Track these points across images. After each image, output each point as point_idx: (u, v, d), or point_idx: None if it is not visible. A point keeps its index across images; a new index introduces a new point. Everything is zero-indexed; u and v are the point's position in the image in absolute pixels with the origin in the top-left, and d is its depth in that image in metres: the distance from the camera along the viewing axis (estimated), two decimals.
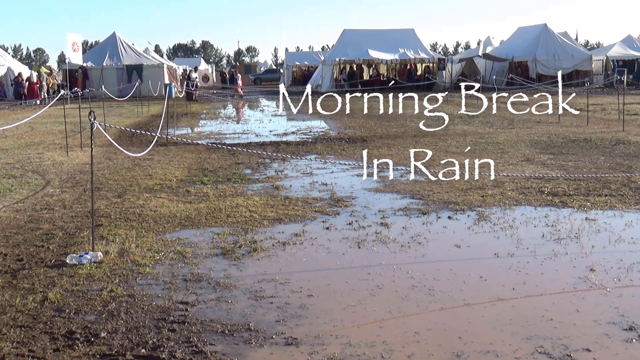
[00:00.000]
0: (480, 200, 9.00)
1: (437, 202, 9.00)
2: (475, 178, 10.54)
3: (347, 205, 8.90)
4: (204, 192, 9.86)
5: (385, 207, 8.77)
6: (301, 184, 10.53)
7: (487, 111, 25.37)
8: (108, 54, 44.66)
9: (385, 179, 10.90)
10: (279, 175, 11.46)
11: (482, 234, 7.36)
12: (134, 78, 41.43)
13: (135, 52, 46.23)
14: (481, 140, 15.85)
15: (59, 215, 8.44)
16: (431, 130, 18.51)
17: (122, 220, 8.15)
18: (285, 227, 7.76)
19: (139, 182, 10.82)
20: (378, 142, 16.01)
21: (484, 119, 21.86)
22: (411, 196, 9.45)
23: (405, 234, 7.37)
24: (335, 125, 21.37)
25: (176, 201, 9.26)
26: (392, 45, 48.30)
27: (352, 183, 10.61)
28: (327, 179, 10.99)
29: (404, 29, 51.45)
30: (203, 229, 7.74)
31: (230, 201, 9.17)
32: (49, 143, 16.75)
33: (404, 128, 19.34)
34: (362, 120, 22.45)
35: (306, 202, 9.09)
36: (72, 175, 11.59)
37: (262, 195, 9.61)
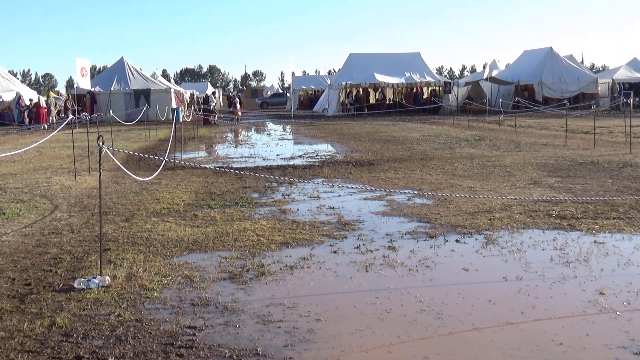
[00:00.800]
0: (488, 224, 8.98)
1: (445, 225, 8.98)
2: (482, 201, 10.54)
3: (355, 229, 8.89)
4: (211, 216, 9.87)
5: (392, 230, 8.76)
6: (308, 208, 10.53)
7: (494, 134, 25.42)
8: (116, 78, 45.00)
9: (392, 202, 10.90)
10: (286, 199, 11.47)
11: (491, 258, 7.34)
12: (142, 102, 41.70)
13: (143, 76, 46.57)
14: (488, 164, 15.85)
15: (67, 240, 8.46)
16: (438, 153, 18.54)
17: (130, 244, 8.16)
18: (293, 251, 7.75)
19: (147, 206, 10.84)
20: (385, 165, 16.02)
21: (491, 142, 21.86)
22: (418, 219, 9.43)
23: (413, 258, 7.35)
24: (342, 148, 21.41)
25: (184, 225, 9.27)
26: (398, 69, 48.52)
27: (359, 206, 10.61)
28: (334, 202, 10.99)
29: (410, 52, 51.70)
30: (210, 253, 7.73)
31: (238, 225, 9.18)
32: (57, 167, 16.83)
33: (411, 151, 19.36)
34: (369, 143, 22.49)
35: (313, 226, 9.09)
36: (80, 199, 11.63)
37: (269, 219, 9.61)
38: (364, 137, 25.55)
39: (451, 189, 12.04)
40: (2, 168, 16.88)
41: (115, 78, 45.01)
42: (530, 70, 47.30)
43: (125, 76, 45.29)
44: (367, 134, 27.06)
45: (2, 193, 12.51)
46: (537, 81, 45.96)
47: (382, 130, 29.38)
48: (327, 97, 51.40)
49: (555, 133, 25.68)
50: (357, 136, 26.10)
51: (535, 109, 36.20)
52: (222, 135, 30.28)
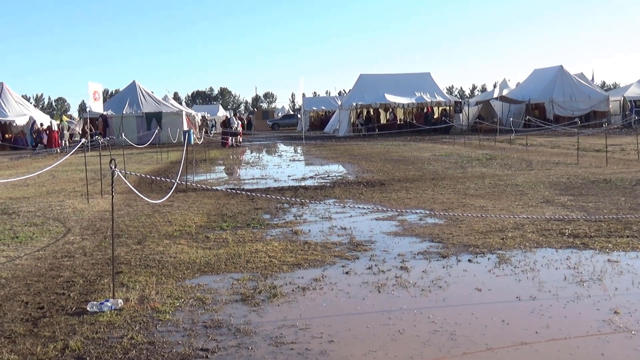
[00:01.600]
0: (501, 243, 8.94)
1: (457, 245, 8.95)
2: (494, 220, 10.50)
3: (367, 250, 8.87)
4: (223, 238, 9.88)
5: (404, 250, 8.74)
6: (320, 229, 10.53)
7: (505, 153, 25.38)
8: (128, 102, 45.38)
9: (404, 222, 10.88)
10: (298, 220, 11.48)
11: (503, 277, 7.30)
12: (154, 125, 42.03)
13: (154, 100, 46.93)
14: (500, 183, 15.81)
15: (79, 263, 8.49)
16: (449, 172, 18.51)
17: (142, 267, 8.18)
18: (305, 272, 7.74)
19: (159, 228, 10.88)
20: (396, 185, 16.01)
21: (502, 161, 21.82)
22: (430, 239, 9.41)
23: (425, 278, 7.33)
24: (353, 169, 21.43)
25: (196, 247, 9.28)
26: (408, 89, 48.65)
27: (371, 227, 10.60)
28: (345, 223, 10.99)
29: (420, 72, 51.85)
30: (222, 274, 7.74)
31: (250, 247, 9.19)
32: (70, 191, 16.92)
33: (422, 171, 19.35)
34: (380, 163, 22.50)
35: (325, 247, 9.09)
36: (92, 222, 11.68)
37: (281, 241, 9.61)
38: (375, 157, 25.57)
39: (463, 208, 12.02)
40: (15, 192, 17.00)
41: (127, 101, 45.40)
42: (540, 89, 47.30)
43: (137, 99, 45.69)
44: (378, 154, 27.08)
45: (15, 217, 12.59)
46: (547, 100, 45.93)
47: (393, 151, 29.41)
48: (338, 118, 51.53)
49: (567, 151, 25.61)
50: (368, 156, 26.13)
51: (546, 127, 36.15)
52: (234, 157, 30.38)
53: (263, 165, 24.95)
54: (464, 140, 34.10)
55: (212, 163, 26.10)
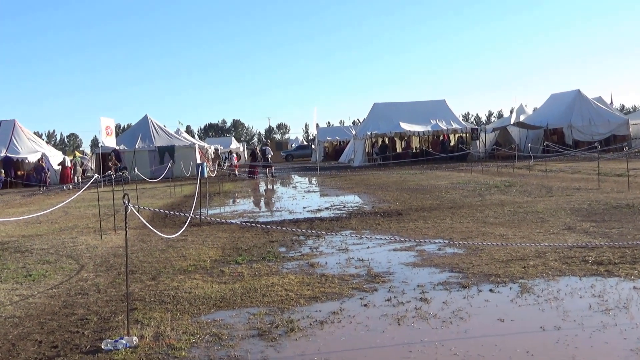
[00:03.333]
0: (522, 272, 8.87)
1: (478, 275, 8.89)
2: (515, 249, 10.44)
3: (385, 281, 8.83)
4: (238, 272, 9.87)
5: (424, 281, 8.69)
6: (337, 261, 10.50)
7: (524, 179, 25.28)
8: (140, 136, 45.77)
9: (422, 252, 10.83)
10: (314, 252, 11.46)
11: (526, 307, 7.23)
12: (166, 159, 42.30)
13: (167, 133, 47.30)
14: (519, 210, 15.72)
15: (93, 300, 8.50)
16: (468, 201, 18.45)
17: (157, 303, 8.18)
18: (322, 306, 7.71)
19: (173, 263, 10.89)
20: (413, 215, 15.97)
21: (521, 188, 21.73)
22: (450, 269, 9.36)
23: (446, 309, 7.27)
24: (369, 199, 21.41)
25: (211, 282, 9.28)
26: (423, 117, 48.78)
27: (389, 258, 10.56)
28: (363, 254, 10.95)
29: (435, 100, 52.04)
30: (239, 309, 7.72)
31: (266, 280, 9.17)
32: (83, 227, 17.02)
33: (440, 200, 19.30)
34: (397, 193, 22.47)
35: (343, 279, 9.05)
36: (106, 259, 11.72)
37: (297, 274, 9.59)
38: (392, 186, 25.55)
39: (482, 237, 11.95)
40: (28, 229, 17.11)
41: (139, 136, 45.80)
42: (558, 113, 47.25)
43: (149, 133, 46.07)
44: (394, 184, 27.07)
45: (28, 255, 12.66)
46: (566, 124, 45.84)
47: (410, 180, 29.39)
48: (353, 148, 51.70)
49: (588, 176, 25.47)
50: (385, 186, 26.12)
51: (565, 152, 36.04)
52: (249, 190, 30.47)
53: (278, 197, 24.99)
54: (482, 168, 34.04)
55: (226, 196, 26.19)
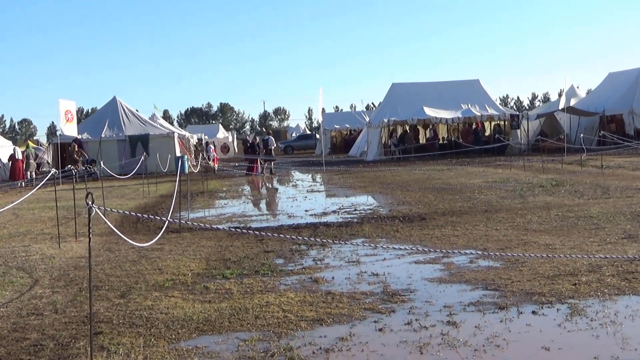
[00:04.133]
0: (572, 290, 8.86)
1: (518, 293, 8.88)
2: (563, 261, 10.42)
3: (405, 301, 8.83)
4: (226, 289, 9.88)
5: (452, 301, 8.69)
6: (346, 276, 10.51)
7: (575, 177, 25.25)
8: (107, 123, 45.76)
9: (450, 265, 10.83)
10: (318, 265, 11.46)
11: (577, 333, 7.22)
12: (139, 151, 42.27)
13: (139, 119, 47.33)
14: (569, 214, 15.71)
15: (49, 322, 8.52)
16: (506, 203, 18.43)
17: (127, 325, 8.19)
18: (328, 330, 7.71)
19: (147, 278, 10.91)
20: (440, 220, 15.96)
21: (572, 188, 21.71)
22: (484, 287, 9.35)
23: (479, 335, 7.27)
24: (386, 200, 21.41)
25: (192, 300, 9.29)
26: (452, 101, 48.72)
27: (409, 272, 10.56)
28: (378, 268, 10.96)
29: (467, 80, 51.99)
30: (226, 334, 7.73)
31: (259, 299, 9.18)
32: (37, 233, 17.05)
33: (472, 202, 19.29)
34: (419, 193, 22.47)
35: (353, 298, 9.06)
36: (65, 271, 11.74)
37: (298, 291, 9.60)
38: (413, 185, 25.54)
39: (524, 247, 11.95)
40: None
41: (106, 122, 45.79)
42: (617, 97, 47.09)
43: (118, 120, 46.10)
44: (416, 182, 27.06)
45: None
46: (626, 111, 45.69)
47: (435, 177, 29.37)
48: (366, 138, 51.66)
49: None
50: (405, 185, 26.11)
51: (625, 144, 35.97)
52: (239, 188, 30.49)
53: (275, 198, 25.00)
54: (523, 163, 34.00)
55: (211, 196, 26.21)
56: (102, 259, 12.68)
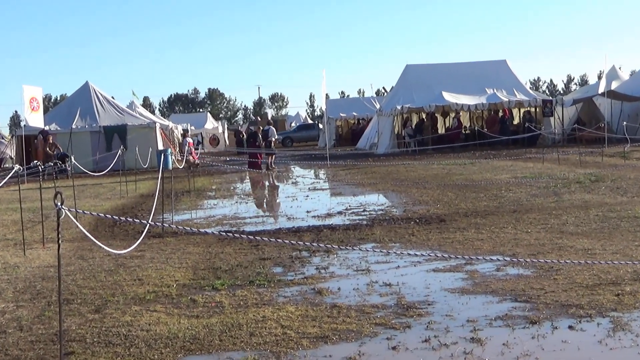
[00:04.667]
0: (615, 302, 8.85)
1: (552, 305, 8.87)
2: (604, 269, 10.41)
3: (422, 315, 8.83)
4: (216, 302, 9.88)
5: (476, 315, 8.68)
6: (354, 286, 10.50)
7: (618, 172, 25.21)
8: (79, 112, 45.70)
9: (474, 274, 10.81)
10: (322, 274, 11.46)
11: (620, 351, 7.22)
12: (115, 144, 42.19)
13: (116, 108, 47.30)
14: (611, 214, 15.69)
15: (13, 341, 8.51)
16: (538, 202, 18.41)
17: (102, 345, 8.19)
18: (334, 349, 7.72)
19: (125, 289, 10.90)
20: (462, 221, 15.95)
21: (614, 184, 21.68)
22: (513, 298, 9.34)
23: (507, 354, 7.27)
24: (399, 199, 21.40)
25: (177, 315, 9.29)
26: (475, 85, 48.60)
27: (427, 282, 10.55)
28: (391, 277, 10.95)
29: (492, 60, 51.89)
30: (217, 354, 7.73)
31: (254, 313, 9.18)
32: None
33: (499, 201, 19.27)
34: (438, 191, 22.45)
35: (362, 312, 9.05)
36: (31, 283, 11.73)
37: (299, 304, 9.60)
38: (431, 182, 25.52)
39: (559, 252, 11.93)
40: None
41: (77, 111, 45.74)
42: None
43: (91, 108, 46.06)
44: (434, 178, 27.05)
45: None
46: None
47: (457, 172, 29.35)
48: (377, 128, 51.60)
49: None
50: (421, 181, 26.09)
51: None
52: (231, 187, 30.49)
53: (272, 198, 24.99)
54: (558, 155, 33.94)
55: (199, 196, 26.21)
56: (74, 269, 12.67)
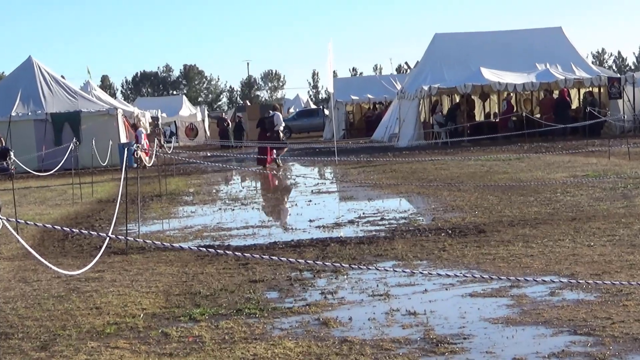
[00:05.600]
0: None
1: (621, 339, 8.86)
2: None
3: (455, 351, 8.84)
4: (194, 336, 9.88)
5: (525, 352, 8.68)
6: (370, 315, 10.49)
7: None
8: (20, 95, 45.66)
9: (522, 299, 10.80)
10: (329, 300, 11.44)
11: None
12: (67, 136, 42.16)
13: (67, 90, 47.25)
14: None
15: None
16: (603, 207, 18.40)
17: None
18: None
19: (79, 320, 10.90)
20: (506, 232, 15.93)
21: None
22: (572, 330, 9.33)
23: None
24: (427, 205, 21.41)
25: (145, 353, 9.29)
26: (523, 59, 48.51)
27: (462, 310, 10.53)
28: (416, 303, 10.93)
29: (544, 28, 51.81)
30: None
31: (243, 351, 9.18)
32: None
33: (553, 206, 19.26)
34: (476, 194, 22.45)
35: (380, 348, 9.06)
36: None
37: (299, 338, 9.60)
38: (467, 182, 25.51)
39: (629, 271, 11.92)
40: None
41: (18, 95, 45.69)
42: None
43: (35, 90, 46.04)
44: (471, 178, 27.05)
45: None
46: None
47: (499, 170, 29.34)
48: (397, 114, 51.54)
49: None
50: (455, 182, 26.08)
51: None
52: (211, 188, 30.49)
53: (265, 203, 24.97)
54: (627, 148, 33.91)
55: (172, 201, 26.22)
56: (14, 294, 12.68)
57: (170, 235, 18.99)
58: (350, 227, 18.40)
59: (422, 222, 18.35)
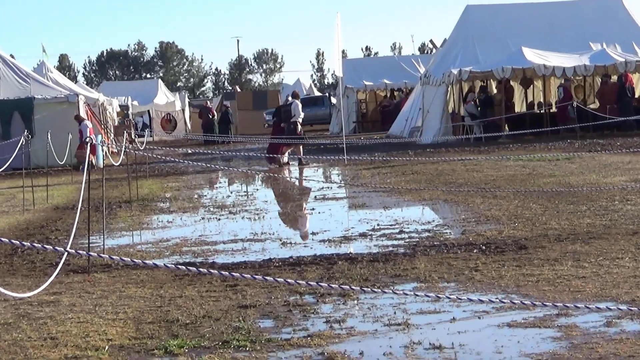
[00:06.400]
0: None
1: None
2: None
3: None
4: None
5: None
6: (385, 349, 10.50)
7: None
8: None
9: (571, 331, 10.81)
10: (336, 330, 11.45)
11: None
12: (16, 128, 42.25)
13: (17, 72, 47.38)
14: None
15: None
16: None
17: None
18: None
19: (30, 353, 10.92)
20: (552, 249, 15.94)
21: None
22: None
23: None
24: (456, 215, 21.44)
25: None
26: (573, 36, 48.47)
27: (499, 343, 10.54)
28: (442, 335, 10.95)
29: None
30: None
31: None
32: None
33: (610, 217, 19.27)
34: (515, 202, 22.47)
35: None
36: None
37: None
38: (505, 188, 25.55)
39: None
40: None
41: None
42: None
43: None
44: (510, 182, 27.10)
45: None
46: None
47: (545, 172, 29.37)
48: (420, 104, 51.56)
49: None
50: (489, 186, 26.12)
51: None
52: (191, 193, 30.56)
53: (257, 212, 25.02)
54: None
55: (144, 208, 26.25)
56: None
57: (141, 250, 19.03)
58: (361, 241, 18.43)
59: (450, 235, 18.37)
